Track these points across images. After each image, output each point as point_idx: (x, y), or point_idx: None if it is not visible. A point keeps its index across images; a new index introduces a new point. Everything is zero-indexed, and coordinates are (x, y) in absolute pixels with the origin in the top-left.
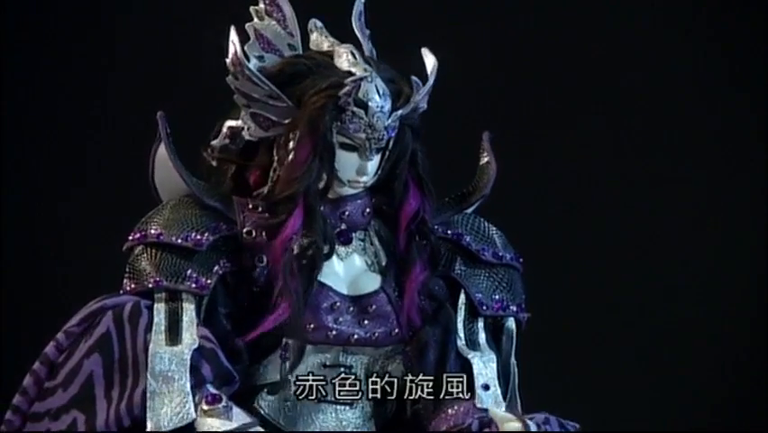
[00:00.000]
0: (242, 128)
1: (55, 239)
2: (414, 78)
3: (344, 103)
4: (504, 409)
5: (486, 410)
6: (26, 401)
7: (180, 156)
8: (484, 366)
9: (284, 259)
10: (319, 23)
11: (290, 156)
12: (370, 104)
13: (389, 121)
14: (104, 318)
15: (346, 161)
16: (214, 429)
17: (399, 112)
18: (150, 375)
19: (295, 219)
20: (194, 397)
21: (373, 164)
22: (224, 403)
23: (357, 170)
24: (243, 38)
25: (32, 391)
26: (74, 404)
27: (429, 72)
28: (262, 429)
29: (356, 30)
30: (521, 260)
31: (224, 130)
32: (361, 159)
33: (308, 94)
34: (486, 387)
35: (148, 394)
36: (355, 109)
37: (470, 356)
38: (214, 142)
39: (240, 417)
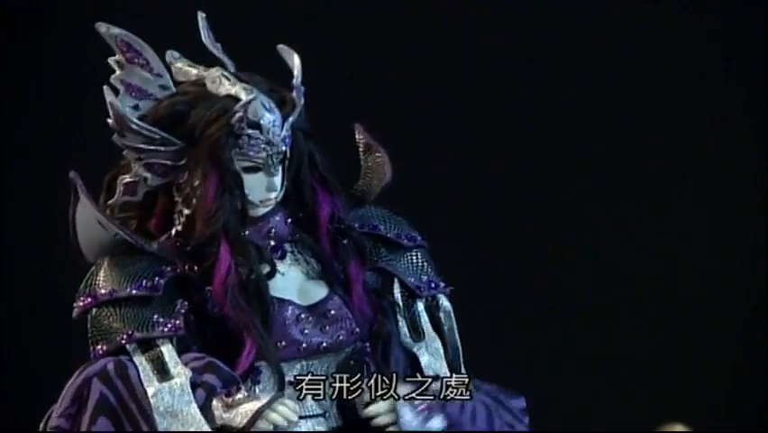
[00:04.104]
0: (138, 181)
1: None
2: (293, 80)
3: (239, 129)
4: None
5: None
6: None
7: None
8: (431, 357)
9: (228, 299)
10: (176, 54)
11: (198, 195)
12: (262, 122)
13: (284, 132)
14: (92, 386)
15: (253, 183)
16: (249, 413)
17: (290, 119)
18: (156, 415)
19: (224, 257)
20: (207, 417)
21: (279, 178)
22: (243, 392)
23: (266, 188)
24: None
25: None
26: None
27: (296, 69)
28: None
29: (211, 48)
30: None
31: (121, 187)
32: (267, 176)
33: (199, 129)
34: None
35: None
36: (250, 132)
37: (414, 349)
38: (111, 202)
39: (265, 394)
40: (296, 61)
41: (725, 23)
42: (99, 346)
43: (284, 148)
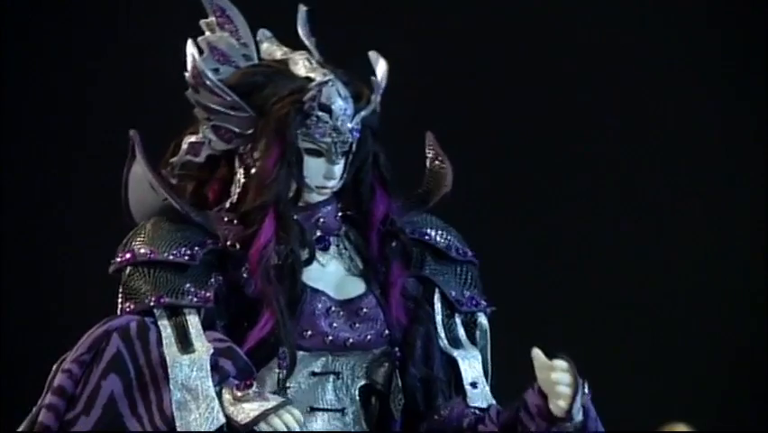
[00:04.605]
0: (203, 143)
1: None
2: (373, 77)
3: (309, 108)
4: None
5: (480, 408)
6: None
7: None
8: (469, 364)
9: (261, 268)
10: (268, 33)
11: (258, 165)
12: (333, 107)
13: (353, 123)
14: (111, 340)
15: (313, 167)
16: (253, 412)
17: (362, 113)
18: (172, 386)
19: (267, 227)
20: (220, 400)
21: (339, 168)
22: (254, 388)
23: (324, 175)
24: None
25: (54, 426)
26: (101, 427)
27: (380, 76)
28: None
29: (303, 38)
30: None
31: (185, 146)
32: (328, 163)
33: (271, 102)
34: (474, 385)
35: (174, 405)
36: (320, 113)
37: (454, 354)
38: (173, 160)
39: (274, 397)
40: (381, 65)
41: (725, 23)
42: (127, 305)
43: (350, 139)
